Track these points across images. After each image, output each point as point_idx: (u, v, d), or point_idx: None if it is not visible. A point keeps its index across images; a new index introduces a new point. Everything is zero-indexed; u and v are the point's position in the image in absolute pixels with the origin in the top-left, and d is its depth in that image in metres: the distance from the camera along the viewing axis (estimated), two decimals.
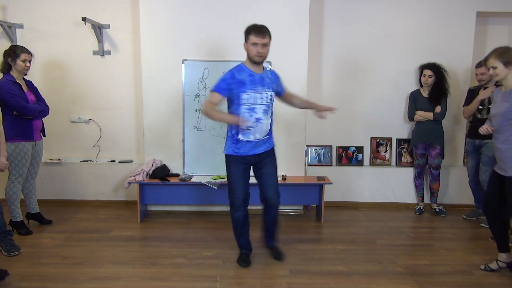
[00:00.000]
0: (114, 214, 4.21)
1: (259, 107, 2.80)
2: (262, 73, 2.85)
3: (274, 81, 2.91)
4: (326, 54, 4.51)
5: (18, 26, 4.39)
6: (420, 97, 4.23)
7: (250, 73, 2.79)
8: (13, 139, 3.41)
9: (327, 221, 4.06)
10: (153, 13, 4.05)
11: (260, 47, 2.70)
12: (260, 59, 2.75)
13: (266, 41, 2.71)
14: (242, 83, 2.76)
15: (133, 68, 4.46)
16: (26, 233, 3.58)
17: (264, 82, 2.83)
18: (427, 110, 4.18)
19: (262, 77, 2.83)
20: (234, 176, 2.91)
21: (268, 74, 2.90)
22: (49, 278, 2.79)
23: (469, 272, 2.94)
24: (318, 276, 2.85)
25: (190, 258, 3.13)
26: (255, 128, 2.80)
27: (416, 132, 4.30)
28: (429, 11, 4.42)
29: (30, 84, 3.64)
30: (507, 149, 2.67)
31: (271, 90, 2.87)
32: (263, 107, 2.82)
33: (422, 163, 4.34)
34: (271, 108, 2.90)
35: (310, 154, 4.62)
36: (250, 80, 2.77)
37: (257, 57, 2.73)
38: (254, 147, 2.86)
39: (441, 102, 4.15)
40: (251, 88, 2.77)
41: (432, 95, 4.17)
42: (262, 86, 2.81)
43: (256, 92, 2.78)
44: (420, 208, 4.37)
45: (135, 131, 4.58)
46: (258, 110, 2.80)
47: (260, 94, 2.79)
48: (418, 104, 4.24)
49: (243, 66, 2.82)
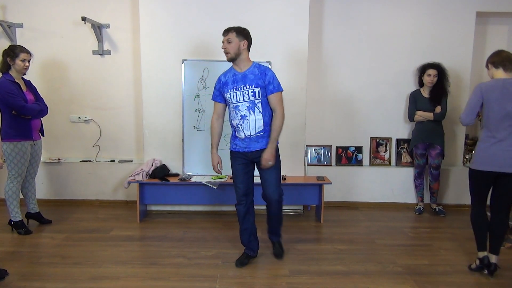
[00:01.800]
0: (114, 214, 4.21)
1: (242, 104, 2.86)
2: (246, 70, 2.88)
3: (260, 77, 2.85)
4: (325, 54, 4.51)
5: (18, 26, 4.39)
6: (420, 97, 4.23)
7: (234, 73, 2.91)
8: (12, 139, 3.41)
9: (326, 221, 4.06)
10: (153, 13, 4.05)
11: (224, 44, 2.85)
12: (227, 55, 2.85)
13: (228, 37, 2.83)
14: (225, 84, 2.90)
15: (133, 67, 4.46)
16: (25, 233, 3.58)
17: (246, 79, 2.86)
18: (428, 110, 4.18)
19: (244, 74, 2.87)
20: (234, 171, 3.02)
21: (255, 71, 2.87)
22: (48, 277, 2.79)
23: (469, 272, 2.94)
24: (317, 276, 2.85)
25: (189, 258, 3.13)
26: (242, 125, 2.88)
27: (416, 132, 4.30)
28: (428, 11, 4.43)
29: (29, 84, 3.64)
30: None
31: (255, 86, 2.83)
32: (246, 104, 2.85)
33: (422, 163, 4.34)
34: (259, 104, 2.85)
35: (309, 154, 4.62)
36: (232, 80, 2.89)
37: (225, 53, 2.86)
38: (248, 144, 2.91)
39: (442, 102, 4.15)
40: (232, 87, 2.87)
41: (432, 95, 4.17)
42: (244, 84, 2.85)
43: (237, 90, 2.85)
44: (420, 208, 4.37)
45: (135, 130, 4.58)
46: (241, 108, 2.86)
47: (241, 91, 2.85)
48: (418, 104, 4.24)
49: (231, 68, 2.95)
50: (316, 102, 4.55)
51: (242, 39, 2.83)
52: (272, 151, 2.87)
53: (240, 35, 2.83)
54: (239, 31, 2.85)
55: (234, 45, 2.81)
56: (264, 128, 2.90)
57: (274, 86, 2.86)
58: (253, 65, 2.90)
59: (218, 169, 3.05)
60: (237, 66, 2.90)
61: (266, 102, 2.88)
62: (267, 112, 2.90)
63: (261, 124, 2.88)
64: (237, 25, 2.89)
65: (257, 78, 2.85)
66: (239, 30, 2.85)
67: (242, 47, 2.84)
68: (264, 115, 2.88)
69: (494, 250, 2.86)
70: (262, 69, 2.89)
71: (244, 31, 2.87)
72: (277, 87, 2.87)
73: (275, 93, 2.86)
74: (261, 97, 2.85)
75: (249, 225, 3.04)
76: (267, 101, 2.88)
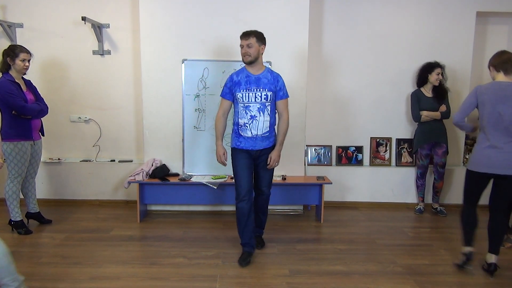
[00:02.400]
0: (114, 214, 4.21)
1: (253, 105, 2.98)
2: (260, 74, 3.03)
3: (272, 82, 3.03)
4: (326, 54, 4.52)
5: (18, 26, 4.39)
6: (423, 97, 4.20)
7: (247, 74, 3.02)
8: (12, 139, 3.41)
9: (326, 221, 4.06)
10: (153, 13, 4.05)
11: (245, 48, 2.94)
12: (247, 58, 2.96)
13: (249, 42, 2.92)
14: (238, 84, 3.01)
15: (133, 67, 4.46)
16: (25, 233, 3.58)
17: (260, 82, 3.00)
18: (432, 109, 4.15)
19: (258, 77, 3.02)
20: (237, 168, 3.07)
21: (268, 75, 3.04)
22: (48, 277, 2.79)
23: (469, 272, 2.94)
24: (317, 276, 2.85)
25: (189, 258, 3.13)
26: (251, 125, 3.00)
27: (420, 133, 4.26)
28: (429, 11, 4.43)
29: (29, 84, 3.63)
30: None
31: (268, 90, 3.00)
32: (257, 105, 2.98)
33: (425, 164, 4.31)
34: (269, 107, 3.02)
35: (310, 154, 4.62)
36: (246, 81, 3.00)
37: (244, 57, 2.97)
38: (253, 142, 3.03)
39: (445, 100, 4.16)
40: (245, 87, 2.99)
41: (436, 94, 4.16)
42: (257, 86, 2.99)
43: (250, 91, 2.98)
44: (420, 208, 4.37)
45: (135, 130, 4.58)
46: (252, 108, 2.98)
47: (254, 93, 2.98)
48: (422, 104, 4.19)
49: (243, 68, 3.07)
50: (316, 102, 4.55)
51: (261, 44, 3.00)
52: (280, 153, 3.10)
53: (259, 40, 2.97)
54: (259, 36, 2.98)
55: (255, 50, 2.95)
56: (269, 130, 3.06)
57: (284, 93, 3.09)
58: (266, 70, 3.07)
59: (223, 160, 3.10)
60: (252, 69, 3.02)
61: (274, 106, 3.08)
62: (273, 115, 3.10)
63: (268, 125, 3.04)
64: (254, 29, 2.99)
65: (270, 83, 3.02)
66: (259, 35, 2.98)
67: (261, 51, 3.01)
68: (271, 117, 3.06)
69: (494, 250, 2.86)
70: (274, 75, 3.07)
71: (262, 36, 3.01)
72: (286, 93, 3.10)
73: (284, 99, 3.09)
74: (271, 101, 3.02)
75: (250, 222, 3.07)
76: (274, 105, 3.08)
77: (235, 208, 3.07)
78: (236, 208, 3.06)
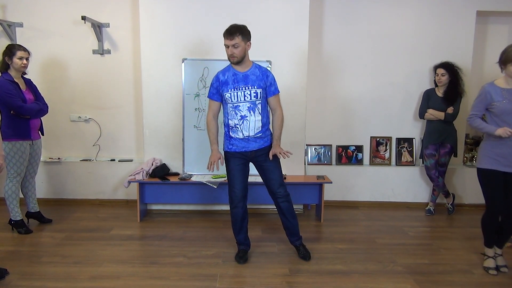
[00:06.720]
0: (114, 213, 4.21)
1: (243, 105, 2.85)
2: (248, 70, 2.88)
3: (261, 78, 2.88)
4: (326, 54, 4.51)
5: (18, 25, 4.38)
6: (434, 96, 4.15)
7: (234, 73, 2.88)
8: (10, 138, 3.40)
9: (326, 220, 4.06)
10: (153, 12, 4.05)
11: (230, 49, 2.78)
12: (233, 59, 2.81)
13: (235, 42, 2.76)
14: (225, 83, 2.87)
15: (133, 67, 4.46)
16: (25, 232, 3.58)
17: (248, 79, 2.86)
18: (440, 109, 4.09)
19: (246, 75, 2.87)
20: (231, 172, 2.97)
21: (256, 71, 2.89)
22: (49, 277, 2.79)
23: (469, 272, 2.94)
24: (317, 275, 2.85)
25: (189, 257, 3.13)
26: (242, 125, 2.87)
27: (427, 133, 4.21)
28: (429, 11, 4.42)
29: (29, 83, 3.63)
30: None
31: (257, 87, 2.85)
32: (247, 104, 2.85)
33: (429, 164, 4.18)
34: (259, 105, 2.88)
35: (310, 153, 4.62)
36: (233, 80, 2.86)
37: (231, 58, 2.82)
38: (246, 143, 2.91)
39: (455, 103, 4.06)
40: (233, 86, 2.85)
41: (446, 95, 4.08)
42: (245, 84, 2.85)
43: (238, 90, 2.84)
44: (430, 209, 4.33)
45: (135, 130, 4.58)
46: (242, 108, 2.85)
47: (242, 91, 2.84)
48: (431, 103, 4.15)
49: (230, 66, 2.92)
50: (316, 101, 4.54)
51: (247, 41, 2.83)
52: (279, 147, 2.94)
53: (245, 37, 2.80)
54: (244, 32, 2.80)
55: (241, 50, 2.80)
56: (262, 129, 2.92)
57: (275, 88, 2.94)
58: (254, 66, 2.92)
59: (217, 166, 2.96)
60: (239, 66, 2.88)
61: (265, 104, 2.93)
62: (265, 114, 2.95)
63: (260, 125, 2.91)
64: (236, 23, 2.84)
65: (259, 80, 2.87)
66: (244, 31, 2.80)
67: (248, 48, 2.86)
68: (263, 116, 2.92)
69: (499, 244, 2.92)
70: (263, 71, 2.91)
71: (246, 31, 2.83)
72: (277, 89, 2.96)
73: (276, 94, 2.95)
74: (261, 98, 2.88)
75: (245, 225, 3.08)
76: (265, 103, 2.93)
77: (230, 213, 3.05)
78: (231, 213, 3.04)
